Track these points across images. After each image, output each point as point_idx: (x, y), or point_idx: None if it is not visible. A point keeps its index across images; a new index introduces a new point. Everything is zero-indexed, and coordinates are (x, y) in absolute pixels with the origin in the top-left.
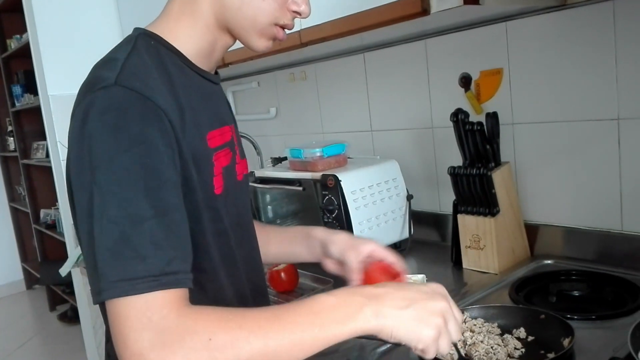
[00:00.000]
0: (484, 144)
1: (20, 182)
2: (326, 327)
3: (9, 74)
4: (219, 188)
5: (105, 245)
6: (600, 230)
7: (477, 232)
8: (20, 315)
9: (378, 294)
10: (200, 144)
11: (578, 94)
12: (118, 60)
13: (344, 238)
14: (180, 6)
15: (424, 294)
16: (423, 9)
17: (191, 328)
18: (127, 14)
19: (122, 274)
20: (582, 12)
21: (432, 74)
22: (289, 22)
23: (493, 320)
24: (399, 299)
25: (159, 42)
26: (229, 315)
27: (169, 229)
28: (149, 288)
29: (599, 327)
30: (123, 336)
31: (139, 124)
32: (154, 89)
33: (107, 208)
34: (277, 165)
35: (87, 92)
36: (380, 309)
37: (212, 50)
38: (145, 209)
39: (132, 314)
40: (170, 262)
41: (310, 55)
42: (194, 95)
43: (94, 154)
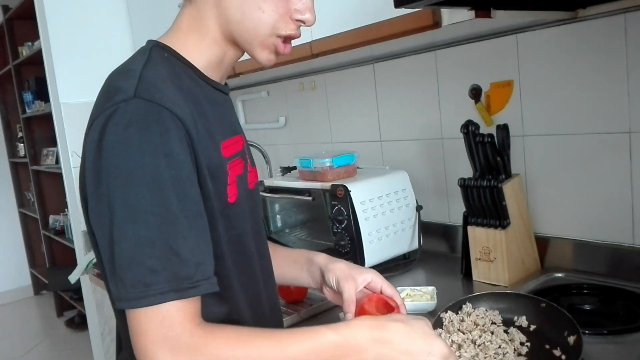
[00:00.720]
0: (494, 156)
1: (30, 188)
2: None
3: (20, 80)
4: (232, 196)
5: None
6: (612, 243)
7: (488, 244)
8: (27, 320)
9: (382, 339)
10: (214, 153)
11: (589, 106)
12: (135, 71)
13: (341, 267)
14: (189, 21)
15: (421, 338)
16: (435, 22)
17: (202, 346)
18: (138, 23)
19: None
20: (593, 25)
21: (442, 85)
22: (292, 31)
23: (495, 308)
24: (401, 347)
25: (172, 55)
26: (237, 342)
27: (199, 237)
28: (169, 298)
29: (610, 342)
30: (141, 345)
31: (162, 136)
32: (172, 100)
33: (133, 220)
34: (286, 175)
35: (106, 104)
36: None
37: (221, 62)
38: (180, 218)
39: (153, 327)
40: (194, 272)
41: (320, 65)
42: (207, 105)
43: (119, 168)
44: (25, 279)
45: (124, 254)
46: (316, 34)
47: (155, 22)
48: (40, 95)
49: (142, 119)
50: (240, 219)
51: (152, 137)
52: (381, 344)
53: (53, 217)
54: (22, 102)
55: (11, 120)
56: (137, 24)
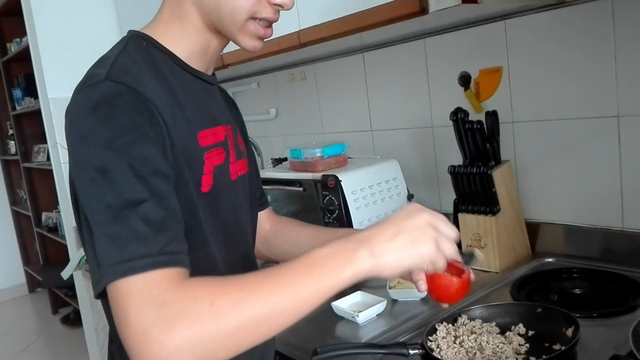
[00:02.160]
0: (484, 143)
1: (22, 185)
2: (325, 276)
3: (9, 77)
4: (206, 186)
5: (104, 231)
6: (602, 227)
7: (478, 230)
8: (22, 318)
9: (367, 236)
10: (191, 141)
11: (577, 91)
12: (109, 58)
13: None
14: (170, 10)
15: (404, 216)
16: (421, 8)
17: (192, 296)
18: (126, 17)
19: (121, 256)
20: (580, 10)
21: (432, 73)
22: (269, 15)
23: (491, 319)
24: (385, 230)
25: (151, 43)
26: (228, 281)
27: (165, 211)
28: (148, 267)
29: (600, 325)
30: (125, 315)
31: (129, 115)
32: (144, 83)
33: (104, 196)
34: (277, 166)
35: (79, 90)
36: (373, 247)
37: (206, 51)
38: (141, 192)
39: (133, 291)
40: (168, 242)
41: (310, 55)
42: (185, 94)
43: (88, 145)
44: (19, 277)
45: (99, 232)
46: (304, 23)
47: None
48: (30, 92)
49: (111, 99)
50: (218, 210)
51: (119, 115)
52: (367, 239)
53: (46, 214)
54: (12, 99)
55: (1, 118)
56: (125, 18)
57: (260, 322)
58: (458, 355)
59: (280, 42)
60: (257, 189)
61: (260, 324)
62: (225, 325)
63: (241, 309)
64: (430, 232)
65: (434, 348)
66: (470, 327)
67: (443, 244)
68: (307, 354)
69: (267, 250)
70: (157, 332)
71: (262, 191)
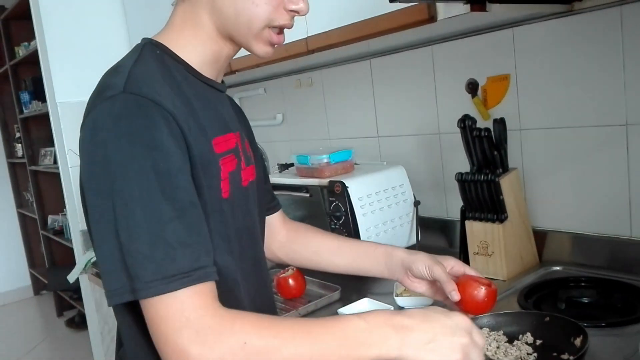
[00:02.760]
0: (491, 150)
1: (28, 188)
2: (352, 349)
3: (17, 81)
4: (226, 192)
5: (135, 248)
6: (609, 236)
7: (485, 238)
8: (28, 321)
9: (406, 325)
10: (207, 148)
11: (586, 99)
12: (125, 67)
13: (426, 256)
14: (182, 17)
15: (448, 329)
16: (430, 16)
17: (228, 330)
18: (134, 21)
19: (156, 274)
20: (589, 18)
21: (439, 80)
22: (286, 22)
23: (498, 328)
24: (425, 333)
25: (164, 52)
26: (264, 322)
27: (191, 227)
28: (181, 284)
29: (609, 335)
30: (164, 335)
31: (151, 130)
32: (161, 94)
33: (131, 213)
34: (283, 172)
35: (97, 100)
36: (405, 342)
37: (217, 58)
38: (167, 210)
39: (170, 314)
40: (198, 258)
41: (316, 61)
42: (198, 102)
43: (110, 161)
44: (25, 280)
45: (130, 249)
46: (312, 30)
47: (151, 21)
48: (37, 95)
49: (131, 113)
50: (233, 216)
51: (140, 129)
52: (405, 330)
53: (52, 217)
54: (20, 102)
55: (8, 121)
56: (133, 23)
57: None
58: None
59: (288, 48)
60: (267, 194)
61: None
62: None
63: (270, 354)
64: (459, 356)
65: None
66: None
67: None
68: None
69: (285, 255)
70: (196, 352)
71: (273, 195)
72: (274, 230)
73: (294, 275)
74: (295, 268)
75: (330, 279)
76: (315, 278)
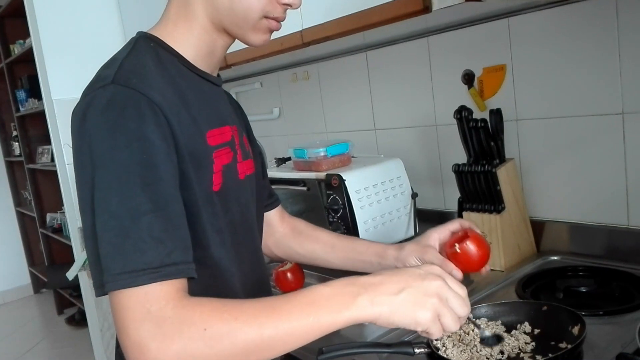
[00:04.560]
0: (488, 141)
1: (26, 186)
2: (321, 316)
3: (12, 79)
4: (217, 185)
5: (108, 239)
6: (607, 225)
7: (483, 229)
8: (28, 319)
9: (373, 282)
10: (199, 141)
11: (582, 88)
12: (117, 59)
13: (413, 248)
14: (176, 10)
15: (417, 276)
16: (425, 6)
17: (188, 319)
18: (129, 18)
19: (124, 267)
20: (584, 7)
21: (435, 71)
22: (279, 14)
23: (496, 318)
24: (393, 284)
25: (159, 44)
26: (225, 306)
27: (167, 222)
28: (149, 280)
29: (606, 323)
30: (124, 327)
31: (136, 121)
32: (151, 85)
33: (108, 203)
34: (281, 166)
35: (87, 92)
36: (375, 297)
37: (212, 51)
38: (144, 203)
39: (132, 306)
40: (169, 254)
41: (313, 54)
42: (193, 94)
43: (94, 151)
44: (24, 278)
45: (102, 239)
46: (307, 23)
47: (146, 16)
48: (33, 93)
49: (117, 104)
50: (225, 209)
51: (126, 121)
52: (372, 286)
53: (50, 215)
54: (16, 101)
55: (5, 119)
56: (128, 19)
57: (250, 351)
58: (464, 354)
59: (284, 41)
60: (265, 189)
61: (249, 353)
62: (217, 351)
63: (233, 337)
64: (434, 301)
65: (439, 347)
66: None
67: (445, 317)
68: (313, 353)
69: (280, 252)
70: (154, 346)
71: (271, 191)
72: (272, 227)
73: (293, 268)
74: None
75: (329, 272)
76: (313, 272)
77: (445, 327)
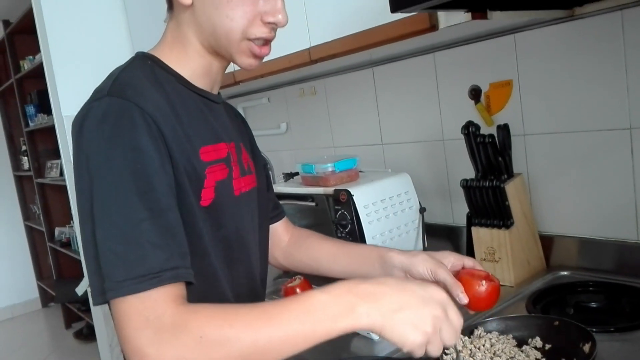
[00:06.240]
0: (495, 156)
1: (35, 200)
2: (317, 324)
3: (22, 94)
4: (206, 200)
5: (108, 247)
6: (616, 240)
7: (492, 244)
8: (36, 333)
9: (374, 292)
10: (192, 156)
11: (589, 103)
12: (114, 74)
13: (425, 258)
14: (172, 35)
15: (419, 299)
16: (431, 25)
17: (184, 326)
18: (138, 35)
19: (127, 274)
20: (590, 23)
21: (442, 86)
22: (264, 34)
23: (508, 332)
24: (394, 301)
25: (155, 63)
26: (221, 313)
27: (164, 228)
28: (150, 285)
29: (617, 340)
30: (125, 334)
31: (130, 132)
32: (146, 98)
33: (107, 213)
34: (289, 181)
35: (85, 104)
36: (373, 309)
37: (208, 72)
38: (141, 211)
39: (132, 314)
40: (168, 259)
41: (320, 70)
42: (187, 111)
43: (91, 162)
44: (32, 292)
45: (102, 248)
46: (314, 40)
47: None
48: (42, 108)
49: (112, 115)
50: (218, 224)
51: (121, 132)
52: (372, 297)
53: (59, 229)
54: (25, 116)
55: (14, 134)
56: (136, 36)
57: (245, 358)
58: None
59: (292, 59)
60: (269, 202)
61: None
62: (212, 358)
63: (229, 345)
64: (429, 329)
65: None
66: (486, 339)
67: (432, 345)
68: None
69: (287, 262)
70: (152, 352)
71: (276, 203)
72: (277, 238)
73: (302, 284)
74: (303, 277)
75: None
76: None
77: (429, 352)
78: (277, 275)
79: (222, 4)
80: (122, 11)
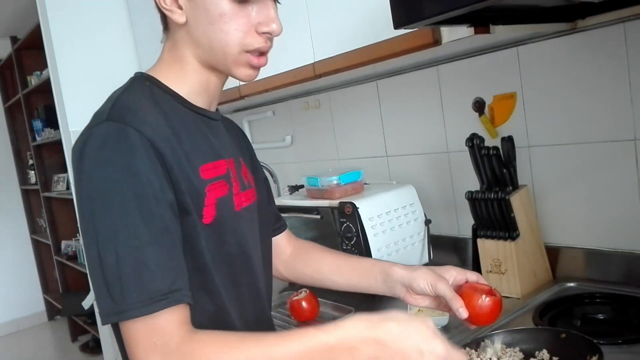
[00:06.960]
0: (500, 168)
1: (42, 214)
2: None
3: (29, 109)
4: (208, 218)
5: (115, 271)
6: (623, 251)
7: (498, 256)
8: (42, 346)
9: (377, 340)
10: (192, 175)
11: (593, 115)
12: (113, 97)
13: (426, 272)
14: (169, 54)
15: (418, 353)
16: (434, 39)
17: (189, 353)
18: (144, 51)
19: (139, 296)
20: (593, 35)
21: (446, 99)
22: (261, 44)
23: (514, 345)
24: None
25: (154, 84)
26: (225, 347)
27: (166, 250)
28: (159, 307)
29: (625, 352)
30: (135, 355)
31: (129, 156)
32: (145, 121)
33: (112, 237)
34: (294, 194)
35: (85, 129)
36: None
37: (206, 88)
38: (145, 233)
39: (141, 338)
40: (174, 281)
41: (324, 84)
42: (186, 130)
43: (92, 187)
44: (39, 305)
45: (111, 272)
46: (319, 55)
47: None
48: (49, 123)
49: (111, 140)
50: (222, 241)
51: (120, 157)
52: (373, 344)
53: (65, 242)
54: (32, 130)
55: (22, 148)
56: (143, 52)
57: None
58: None
59: (297, 73)
60: (271, 215)
61: None
62: None
63: None
64: None
65: None
66: (493, 352)
67: None
68: None
69: (290, 274)
70: None
71: (278, 216)
72: (280, 250)
73: (307, 297)
74: (309, 290)
75: (344, 300)
76: (328, 300)
77: None
78: (283, 289)
79: (215, 18)
80: (129, 27)
